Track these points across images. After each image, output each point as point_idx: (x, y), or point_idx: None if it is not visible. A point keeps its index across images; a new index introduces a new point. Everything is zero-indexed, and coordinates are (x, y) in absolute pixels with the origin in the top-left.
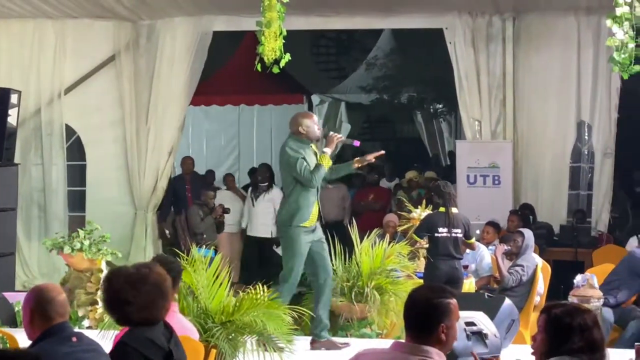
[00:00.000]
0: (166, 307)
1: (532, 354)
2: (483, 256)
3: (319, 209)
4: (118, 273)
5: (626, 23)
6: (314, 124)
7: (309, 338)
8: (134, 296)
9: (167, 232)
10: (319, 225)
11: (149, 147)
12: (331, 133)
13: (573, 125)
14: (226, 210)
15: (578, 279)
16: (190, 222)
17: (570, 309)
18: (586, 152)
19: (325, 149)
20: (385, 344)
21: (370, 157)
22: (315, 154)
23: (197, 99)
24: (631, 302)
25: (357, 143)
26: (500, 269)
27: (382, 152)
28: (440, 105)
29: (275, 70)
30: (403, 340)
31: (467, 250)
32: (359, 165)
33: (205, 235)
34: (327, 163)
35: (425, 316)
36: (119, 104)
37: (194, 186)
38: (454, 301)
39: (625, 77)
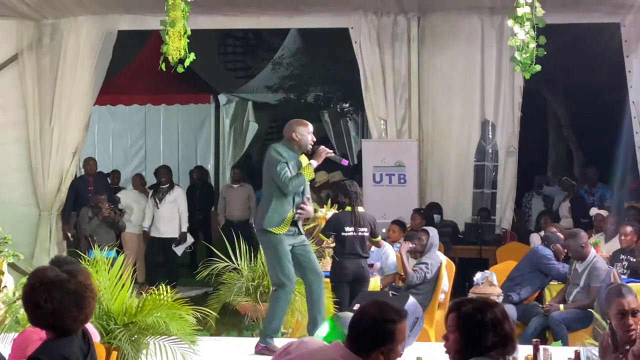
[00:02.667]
0: (81, 319)
1: (446, 352)
2: (388, 254)
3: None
4: (38, 272)
5: (527, 23)
6: (308, 134)
7: (215, 338)
8: (45, 300)
9: (69, 234)
10: (300, 229)
11: (53, 147)
12: (321, 147)
13: (477, 124)
14: (115, 211)
15: (478, 276)
16: (79, 223)
17: (480, 305)
18: (490, 151)
19: (312, 161)
20: (286, 342)
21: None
22: (300, 165)
23: (103, 98)
24: (533, 298)
25: (345, 162)
26: (404, 267)
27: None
28: (347, 105)
29: (180, 69)
30: (344, 345)
31: (373, 248)
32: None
33: (95, 237)
34: (309, 175)
35: (367, 336)
36: (22, 103)
37: (97, 187)
38: (401, 325)
39: (527, 76)
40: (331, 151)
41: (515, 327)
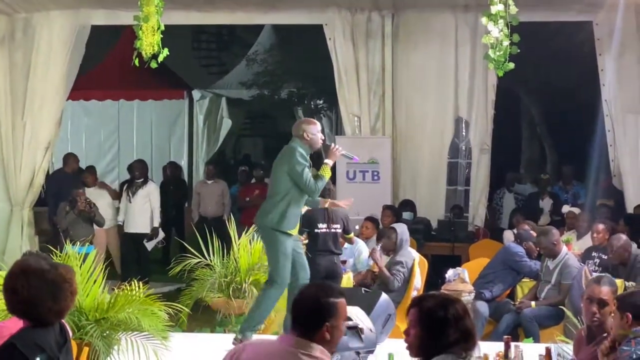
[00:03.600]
0: (55, 310)
1: (407, 348)
2: (361, 251)
3: None
4: (22, 261)
5: (501, 21)
6: (318, 133)
7: (187, 334)
8: (21, 286)
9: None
10: None
11: (25, 142)
12: (332, 145)
13: (451, 121)
14: (90, 205)
15: (449, 273)
16: (57, 218)
17: (442, 301)
18: (463, 148)
19: (327, 160)
20: (259, 338)
21: (340, 204)
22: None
23: (76, 93)
24: (505, 295)
25: (356, 159)
26: (383, 275)
27: (351, 200)
28: (321, 101)
29: (153, 65)
30: (290, 335)
31: (346, 245)
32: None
33: (72, 232)
34: (328, 175)
35: (311, 314)
36: None
37: (75, 181)
38: (342, 301)
39: (500, 74)
40: (341, 149)
41: (487, 324)
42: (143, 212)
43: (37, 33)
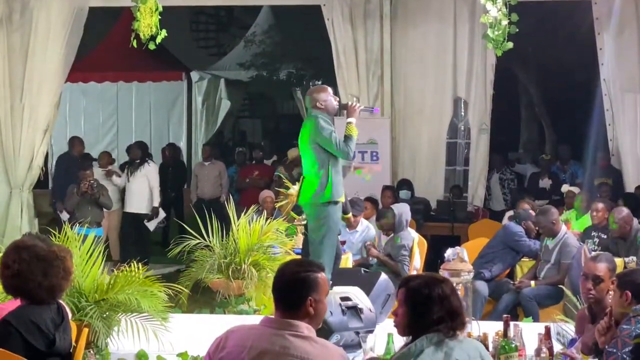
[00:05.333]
0: (46, 286)
1: (395, 326)
2: (369, 228)
3: None
4: (18, 240)
5: (499, 1)
6: (330, 97)
7: (187, 315)
8: (13, 260)
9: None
10: None
11: (23, 124)
12: (350, 103)
13: (450, 101)
14: (93, 187)
15: (448, 253)
16: (65, 200)
17: (428, 280)
18: (462, 128)
19: (350, 119)
20: (258, 320)
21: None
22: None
23: (75, 75)
24: (504, 275)
25: (376, 110)
26: (387, 263)
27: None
28: (319, 82)
29: (152, 46)
30: (272, 316)
31: (357, 228)
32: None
33: (77, 214)
34: (355, 133)
35: (293, 290)
36: None
37: (82, 163)
38: (322, 275)
39: (499, 53)
40: (361, 105)
41: (486, 303)
42: (142, 192)
43: (34, 15)
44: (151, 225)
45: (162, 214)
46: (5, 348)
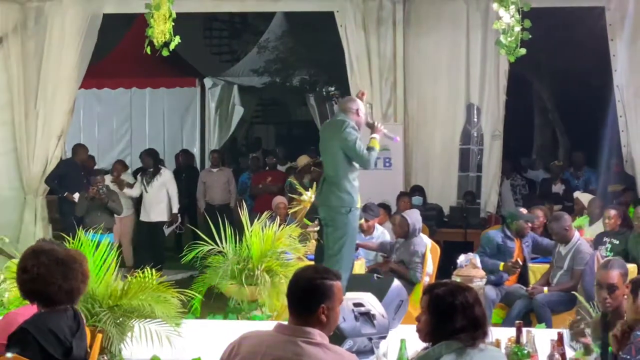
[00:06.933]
0: (65, 289)
1: (417, 332)
2: (385, 234)
3: None
4: (35, 245)
5: (512, 7)
6: (363, 109)
7: (200, 321)
8: (32, 265)
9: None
10: None
11: (38, 130)
12: (377, 123)
13: (462, 107)
14: (100, 192)
15: (461, 259)
16: (76, 205)
17: (452, 288)
18: (475, 134)
19: (375, 135)
20: (271, 326)
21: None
22: None
23: (89, 82)
24: (515, 280)
25: (396, 139)
26: (398, 270)
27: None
28: (332, 88)
29: (165, 53)
30: (286, 322)
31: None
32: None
33: (87, 219)
34: (377, 146)
35: (307, 297)
36: (7, 87)
37: (92, 170)
38: (337, 283)
39: (512, 60)
40: (385, 129)
41: (499, 309)
42: (159, 200)
43: (49, 22)
44: (167, 230)
45: (179, 219)
46: (23, 356)
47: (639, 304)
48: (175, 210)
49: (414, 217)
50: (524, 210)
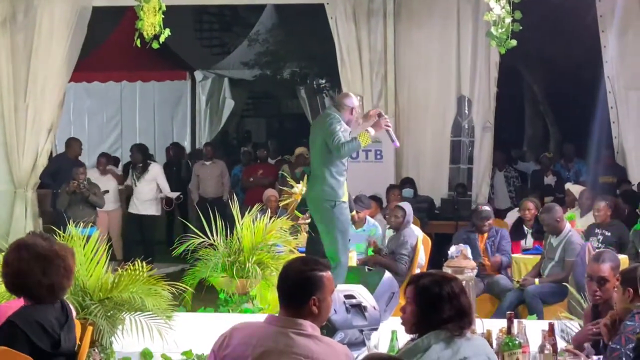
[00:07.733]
0: (45, 284)
1: (402, 324)
2: (377, 227)
3: None
4: (20, 239)
5: None
6: (356, 106)
7: (191, 314)
8: (12, 259)
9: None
10: None
11: (27, 124)
12: (384, 115)
13: (453, 99)
14: (80, 185)
15: (452, 250)
16: (58, 199)
17: (438, 279)
18: (466, 126)
19: (370, 129)
20: (262, 318)
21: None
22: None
23: (78, 75)
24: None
25: (396, 144)
26: (389, 265)
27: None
28: (323, 81)
29: (155, 45)
30: (277, 314)
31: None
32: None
33: (69, 213)
34: (364, 141)
35: (297, 288)
36: None
37: (76, 162)
38: (327, 274)
39: (502, 51)
40: (390, 126)
41: (490, 301)
42: (149, 194)
43: (38, 15)
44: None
45: (174, 194)
46: (11, 349)
47: (628, 295)
48: (170, 195)
49: (409, 209)
50: (487, 207)
